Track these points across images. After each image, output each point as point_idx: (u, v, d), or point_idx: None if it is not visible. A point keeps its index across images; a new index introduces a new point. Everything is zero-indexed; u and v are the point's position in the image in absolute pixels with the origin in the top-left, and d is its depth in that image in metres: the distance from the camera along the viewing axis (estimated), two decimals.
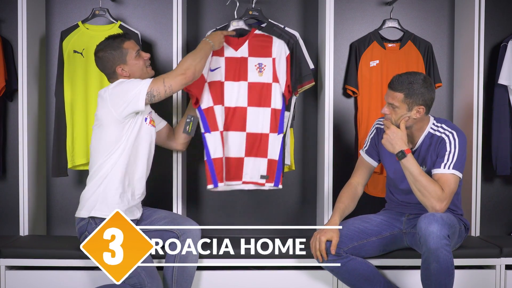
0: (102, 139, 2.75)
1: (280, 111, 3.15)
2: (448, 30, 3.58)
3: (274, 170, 3.13)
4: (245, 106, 3.16)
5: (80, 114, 3.26)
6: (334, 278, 2.90)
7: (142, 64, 2.86)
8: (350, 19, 3.57)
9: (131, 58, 2.82)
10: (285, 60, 3.16)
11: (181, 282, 2.74)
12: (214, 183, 3.09)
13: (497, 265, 2.95)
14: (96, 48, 2.86)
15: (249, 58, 3.18)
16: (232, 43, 3.19)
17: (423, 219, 2.52)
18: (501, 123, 3.43)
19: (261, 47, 3.18)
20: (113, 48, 2.81)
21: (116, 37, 2.85)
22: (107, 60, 2.82)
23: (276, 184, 3.14)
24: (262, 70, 3.15)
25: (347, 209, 2.84)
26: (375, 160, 2.91)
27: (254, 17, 3.28)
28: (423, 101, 2.66)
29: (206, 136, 3.11)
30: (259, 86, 3.15)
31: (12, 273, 2.90)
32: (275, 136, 3.14)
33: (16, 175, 3.33)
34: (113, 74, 2.83)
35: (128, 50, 2.82)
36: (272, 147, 3.13)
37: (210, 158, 3.10)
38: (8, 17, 3.45)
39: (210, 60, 3.13)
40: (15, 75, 3.39)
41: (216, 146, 3.10)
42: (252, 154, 3.16)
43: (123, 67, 2.82)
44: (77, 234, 2.79)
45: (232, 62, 3.17)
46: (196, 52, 2.87)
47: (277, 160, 3.13)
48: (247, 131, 3.16)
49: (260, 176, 3.16)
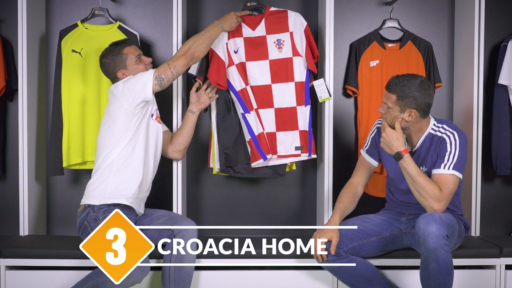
0: (110, 131, 2.82)
1: (304, 84, 3.24)
2: (448, 30, 3.58)
3: (306, 140, 3.24)
4: (269, 83, 3.24)
5: (76, 113, 3.26)
6: (334, 278, 2.90)
7: (143, 68, 2.94)
8: (350, 19, 3.57)
9: (131, 63, 2.92)
10: (303, 32, 3.23)
11: (178, 281, 2.73)
12: (263, 156, 3.19)
13: (497, 265, 2.95)
14: (100, 55, 2.98)
15: (267, 36, 3.25)
16: (249, 23, 3.25)
17: (422, 219, 2.52)
18: (501, 123, 3.43)
19: (278, 23, 3.25)
20: (113, 54, 2.92)
21: (117, 44, 2.97)
22: (109, 65, 2.93)
23: (310, 154, 3.25)
24: (281, 46, 3.23)
25: (347, 209, 2.84)
26: (376, 160, 2.91)
27: (254, 8, 3.28)
28: (416, 105, 2.65)
29: (246, 116, 3.21)
30: (280, 62, 3.23)
31: (12, 273, 2.90)
32: (302, 108, 3.24)
33: (16, 175, 3.33)
34: (115, 79, 2.94)
35: (128, 56, 2.92)
36: (302, 118, 3.24)
37: (255, 135, 3.20)
38: (8, 17, 3.45)
39: (232, 42, 3.22)
40: (15, 75, 3.39)
41: (256, 123, 3.21)
42: (283, 128, 3.25)
43: (123, 71, 2.92)
44: (77, 225, 2.82)
45: (251, 42, 3.25)
46: (201, 33, 3.00)
47: (307, 131, 3.24)
48: (275, 106, 3.24)
49: (295, 147, 3.25)
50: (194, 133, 3.16)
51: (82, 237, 2.74)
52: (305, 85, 3.24)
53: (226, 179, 3.53)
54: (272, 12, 3.28)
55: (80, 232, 2.80)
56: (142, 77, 2.83)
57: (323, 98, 3.22)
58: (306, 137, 3.23)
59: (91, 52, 3.27)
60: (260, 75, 3.24)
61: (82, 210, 2.81)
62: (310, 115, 3.24)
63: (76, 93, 3.26)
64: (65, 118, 3.27)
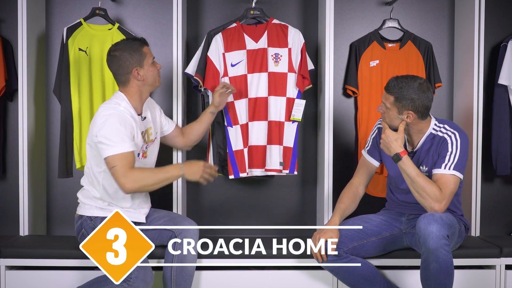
0: (92, 152, 2.72)
1: (295, 101, 3.27)
2: (448, 30, 3.58)
3: (289, 157, 3.27)
4: (266, 96, 3.26)
5: (87, 112, 3.26)
6: (334, 278, 2.90)
7: (156, 73, 2.80)
8: (350, 19, 3.57)
9: (148, 64, 2.75)
10: (299, 50, 3.26)
11: (180, 282, 2.73)
12: (235, 173, 3.25)
13: (497, 265, 2.95)
14: (113, 47, 2.76)
15: (268, 48, 3.26)
16: (252, 35, 3.27)
17: (423, 219, 2.52)
18: (501, 123, 3.43)
19: (278, 37, 3.27)
20: (132, 49, 2.73)
21: (135, 39, 2.79)
22: (125, 59, 2.72)
23: (291, 171, 3.29)
24: (278, 60, 3.25)
25: (348, 210, 2.84)
26: (377, 160, 2.91)
27: (256, 17, 3.29)
28: (413, 107, 2.65)
29: (228, 129, 3.25)
30: (276, 76, 3.26)
31: (12, 273, 2.90)
32: (290, 125, 3.27)
33: (16, 175, 3.33)
34: (126, 76, 2.73)
35: (146, 55, 2.75)
36: (287, 134, 3.27)
37: (232, 151, 3.24)
38: (8, 17, 3.45)
39: (232, 55, 3.24)
40: (15, 75, 3.39)
41: (237, 139, 3.24)
42: (273, 142, 3.27)
43: (139, 70, 2.73)
44: (75, 231, 2.81)
45: (253, 54, 3.27)
46: (159, 172, 2.68)
47: (291, 148, 3.27)
48: (268, 119, 3.27)
49: (280, 162, 3.28)
50: None
51: (80, 242, 2.74)
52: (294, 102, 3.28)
53: (226, 179, 3.52)
54: (274, 24, 3.29)
55: (78, 238, 2.78)
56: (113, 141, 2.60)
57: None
58: (289, 154, 3.27)
59: (95, 51, 3.26)
60: (260, 87, 3.25)
61: (79, 217, 2.79)
62: (296, 132, 3.27)
63: (86, 93, 3.26)
64: (75, 119, 3.27)
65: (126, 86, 2.75)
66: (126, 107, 2.71)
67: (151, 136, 2.85)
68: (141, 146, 2.77)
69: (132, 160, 2.63)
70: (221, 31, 3.27)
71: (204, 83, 3.22)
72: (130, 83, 2.74)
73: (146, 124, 2.82)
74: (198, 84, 3.23)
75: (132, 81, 2.74)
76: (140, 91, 2.76)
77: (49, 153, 3.49)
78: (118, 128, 2.61)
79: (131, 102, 2.74)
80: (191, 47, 3.47)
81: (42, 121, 3.44)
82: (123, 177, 2.59)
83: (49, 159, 3.49)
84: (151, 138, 2.85)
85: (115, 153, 2.59)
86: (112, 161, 2.59)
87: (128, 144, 2.62)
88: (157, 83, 2.81)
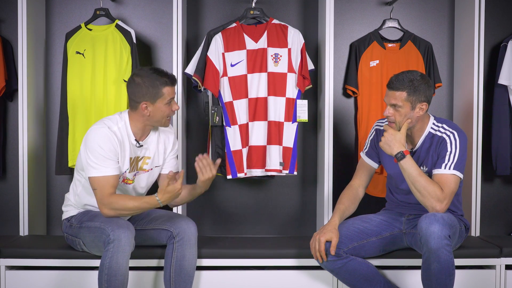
0: (79, 166, 2.74)
1: (294, 101, 3.28)
2: (448, 30, 3.58)
3: (289, 157, 3.28)
4: (266, 96, 3.26)
5: (81, 113, 3.28)
6: (334, 278, 2.90)
7: (167, 113, 2.70)
8: (350, 19, 3.57)
9: (161, 103, 2.66)
10: (299, 50, 3.26)
11: (179, 282, 2.71)
12: (233, 174, 3.26)
13: (497, 265, 2.95)
14: (137, 71, 2.70)
15: (268, 48, 3.27)
16: (252, 35, 3.27)
17: (424, 219, 2.52)
18: (501, 123, 3.43)
19: (278, 37, 3.28)
20: (152, 85, 2.63)
21: (161, 75, 2.66)
22: (140, 89, 2.64)
23: (291, 171, 3.29)
24: (278, 61, 3.26)
25: (347, 211, 2.84)
26: (376, 162, 2.91)
27: (256, 17, 3.29)
28: (425, 97, 2.66)
29: (226, 129, 3.25)
30: (276, 76, 3.26)
31: (12, 273, 2.90)
32: (289, 125, 3.28)
33: (16, 175, 3.34)
34: (135, 104, 2.67)
35: (164, 95, 2.65)
36: (287, 135, 3.27)
37: (230, 151, 3.25)
38: (8, 17, 3.45)
39: (231, 55, 3.24)
40: (15, 75, 3.39)
41: (235, 139, 3.25)
42: (272, 142, 3.28)
43: (148, 105, 2.65)
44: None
45: (253, 54, 3.27)
46: (139, 201, 2.64)
47: (291, 148, 3.28)
48: (268, 119, 3.27)
49: (279, 163, 3.28)
50: (194, 133, 3.17)
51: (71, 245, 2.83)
52: (295, 102, 3.28)
53: (226, 180, 3.52)
54: (274, 24, 3.29)
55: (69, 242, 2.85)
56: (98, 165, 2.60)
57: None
58: (289, 154, 3.28)
59: (93, 52, 3.28)
60: (260, 87, 3.26)
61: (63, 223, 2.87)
62: (296, 133, 3.28)
63: (80, 94, 3.28)
64: (70, 119, 3.30)
65: (133, 111, 2.70)
66: (122, 128, 2.68)
67: (146, 166, 2.78)
68: (124, 171, 2.72)
69: (113, 183, 2.63)
70: (221, 31, 3.28)
71: (203, 83, 3.22)
72: (137, 111, 2.69)
73: (142, 152, 2.76)
74: (197, 84, 3.24)
75: (139, 110, 2.68)
76: (144, 122, 2.71)
77: (49, 153, 3.49)
78: (101, 146, 2.61)
79: (132, 126, 2.70)
80: (191, 47, 3.47)
81: (42, 121, 3.44)
82: (100, 203, 2.63)
83: (49, 159, 3.49)
84: (145, 168, 2.79)
85: (96, 175, 2.62)
86: (93, 183, 2.63)
87: (111, 168, 2.62)
88: (164, 123, 2.73)
